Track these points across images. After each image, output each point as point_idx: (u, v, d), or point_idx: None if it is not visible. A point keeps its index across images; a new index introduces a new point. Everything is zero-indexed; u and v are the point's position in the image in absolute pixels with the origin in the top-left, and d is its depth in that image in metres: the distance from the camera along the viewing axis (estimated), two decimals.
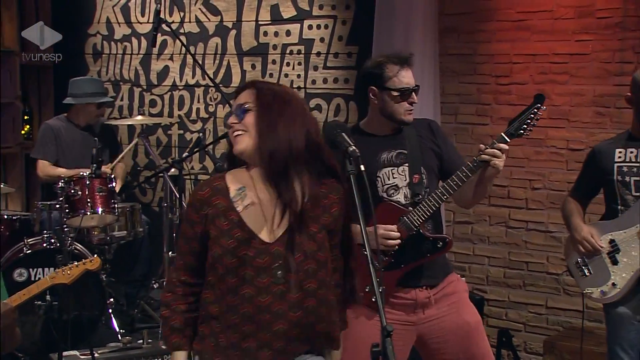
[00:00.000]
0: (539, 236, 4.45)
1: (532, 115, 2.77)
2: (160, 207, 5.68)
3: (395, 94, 2.77)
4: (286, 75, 5.37)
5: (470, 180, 2.81)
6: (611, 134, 3.56)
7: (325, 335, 2.16)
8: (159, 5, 4.49)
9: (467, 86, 4.62)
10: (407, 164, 2.84)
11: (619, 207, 3.10)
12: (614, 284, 3.07)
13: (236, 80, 5.58)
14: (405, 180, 2.83)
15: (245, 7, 5.49)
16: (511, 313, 4.58)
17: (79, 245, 4.09)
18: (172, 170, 4.52)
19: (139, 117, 4.94)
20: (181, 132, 5.86)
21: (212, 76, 5.66)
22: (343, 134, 1.87)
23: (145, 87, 6.02)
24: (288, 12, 5.31)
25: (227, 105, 5.60)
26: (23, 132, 6.27)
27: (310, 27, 5.22)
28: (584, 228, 3.16)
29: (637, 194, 3.03)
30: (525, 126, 2.76)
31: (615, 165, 3.09)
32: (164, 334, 2.15)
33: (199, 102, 5.76)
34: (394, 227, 2.75)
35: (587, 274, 3.17)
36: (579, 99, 4.27)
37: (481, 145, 2.71)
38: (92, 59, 6.33)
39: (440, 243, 2.81)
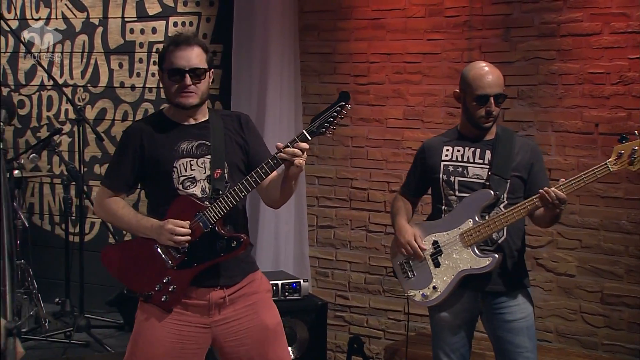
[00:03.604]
0: None
1: (335, 114, 2.68)
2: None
3: (166, 75, 2.76)
4: (153, 75, 5.41)
5: (273, 178, 2.85)
6: None
7: None
8: None
9: (327, 86, 4.73)
10: (208, 157, 2.82)
11: (443, 207, 3.15)
12: (434, 287, 3.13)
13: (104, 79, 5.60)
14: (205, 174, 2.81)
15: (112, 2, 5.53)
16: (371, 320, 4.68)
17: None
18: (16, 172, 4.52)
19: None
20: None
21: (80, 75, 5.69)
22: (3, 109, 1.80)
23: (13, 86, 5.98)
24: (153, 8, 5.37)
25: (95, 105, 5.63)
26: None
27: (175, 24, 5.28)
28: (408, 230, 3.19)
29: (461, 194, 3.09)
30: (327, 124, 2.69)
31: (442, 163, 3.14)
32: None
33: (67, 102, 5.74)
34: (185, 222, 2.73)
35: (410, 276, 3.21)
36: (431, 99, 4.41)
37: (278, 143, 2.67)
38: None
39: (235, 242, 2.77)
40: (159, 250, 2.78)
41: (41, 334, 4.67)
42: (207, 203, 2.77)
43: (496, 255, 3.00)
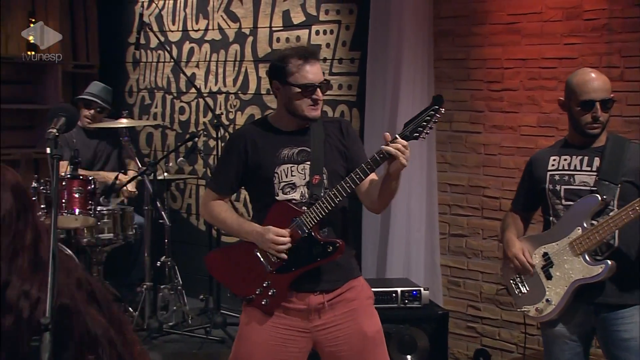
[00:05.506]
0: None
1: (428, 118, 2.70)
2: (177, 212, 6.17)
3: (297, 90, 2.84)
4: None
5: (373, 181, 2.90)
6: None
7: None
8: (142, 9, 4.89)
9: (461, 92, 4.69)
10: (308, 163, 2.90)
11: (551, 217, 3.12)
12: (548, 300, 3.08)
13: (253, 87, 5.92)
14: (304, 179, 2.89)
15: (261, 13, 5.82)
16: (503, 332, 4.58)
17: (63, 246, 4.53)
18: (165, 174, 4.92)
19: (124, 121, 5.31)
20: (205, 139, 6.25)
21: (232, 83, 6.05)
22: (64, 117, 1.83)
23: (175, 94, 6.48)
24: (298, 17, 5.59)
25: (244, 112, 5.97)
26: None
27: (317, 32, 5.46)
28: (516, 244, 3.17)
29: (568, 202, 3.04)
30: (420, 129, 2.70)
31: (548, 173, 3.11)
32: None
33: (220, 109, 6.13)
34: (286, 231, 2.85)
35: (523, 291, 3.18)
36: None
37: (386, 133, 2.71)
38: (131, 67, 6.88)
39: (331, 247, 2.85)
40: (258, 254, 2.94)
41: (185, 328, 5.05)
42: (305, 208, 2.87)
43: (609, 262, 2.92)
